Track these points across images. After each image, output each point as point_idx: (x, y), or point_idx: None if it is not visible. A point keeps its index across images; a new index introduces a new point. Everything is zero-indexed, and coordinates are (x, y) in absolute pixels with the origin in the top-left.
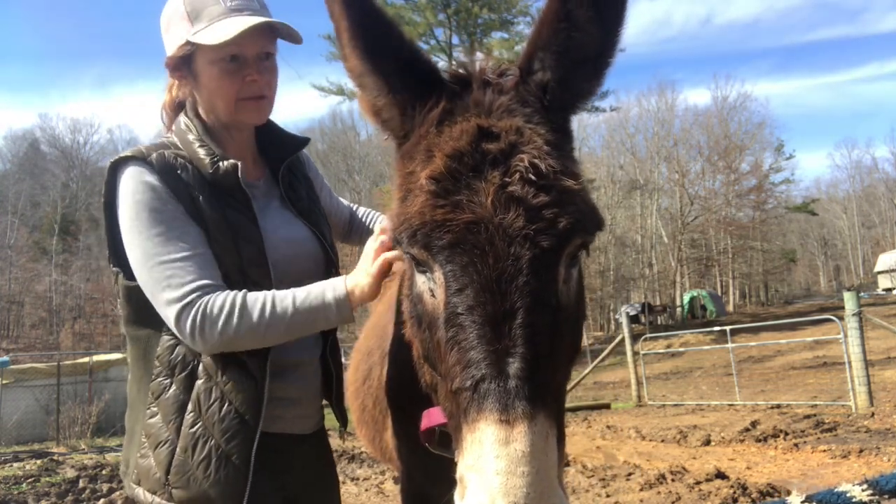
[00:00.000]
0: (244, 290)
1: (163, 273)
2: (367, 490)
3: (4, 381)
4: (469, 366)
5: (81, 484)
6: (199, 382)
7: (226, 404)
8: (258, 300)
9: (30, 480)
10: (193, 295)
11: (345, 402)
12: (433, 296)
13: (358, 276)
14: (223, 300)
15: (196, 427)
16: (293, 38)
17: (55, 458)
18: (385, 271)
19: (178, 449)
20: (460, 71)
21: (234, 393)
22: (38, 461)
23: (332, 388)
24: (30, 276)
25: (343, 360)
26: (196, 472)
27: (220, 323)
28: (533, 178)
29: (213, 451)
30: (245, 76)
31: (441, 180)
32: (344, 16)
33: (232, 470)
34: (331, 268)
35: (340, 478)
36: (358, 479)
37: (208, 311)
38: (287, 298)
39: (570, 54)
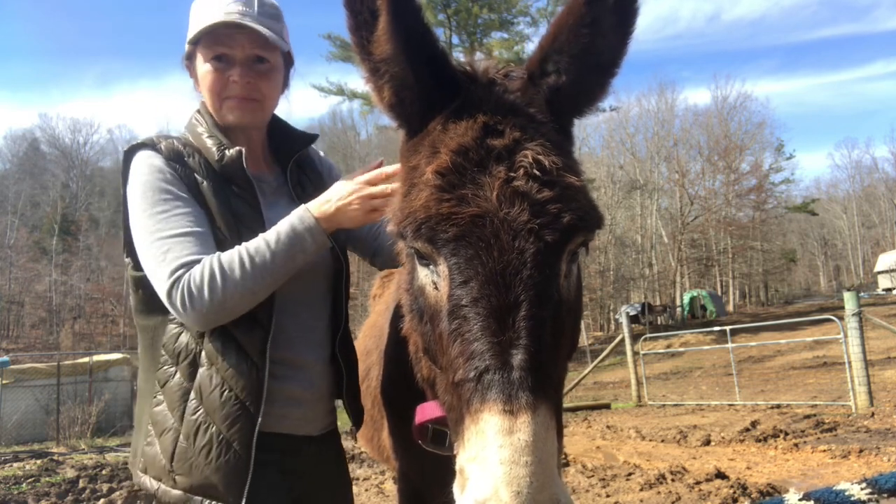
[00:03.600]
0: (217, 254)
1: (160, 248)
2: (367, 490)
3: (4, 381)
4: (473, 357)
5: (81, 484)
6: (201, 370)
7: (226, 391)
8: (234, 257)
9: (30, 480)
10: (181, 271)
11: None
12: (436, 288)
13: (320, 200)
14: (201, 268)
15: (197, 414)
16: (282, 41)
17: (55, 458)
18: (367, 199)
19: (181, 436)
20: (468, 68)
21: (235, 379)
22: (38, 461)
23: (343, 386)
24: (30, 276)
25: None
26: (198, 458)
27: (206, 291)
28: (537, 173)
29: (215, 438)
30: (229, 76)
31: (446, 175)
32: None
33: (233, 456)
34: (338, 266)
35: None
36: (358, 479)
37: (191, 283)
38: (260, 245)
39: (587, 59)
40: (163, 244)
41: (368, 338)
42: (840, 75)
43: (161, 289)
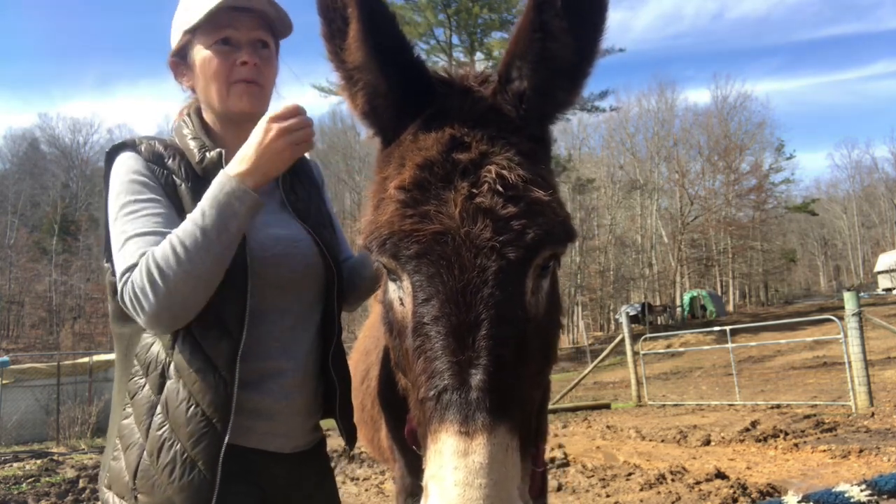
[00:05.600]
0: (152, 248)
1: (121, 248)
2: (367, 490)
3: (4, 381)
4: (433, 376)
5: (81, 484)
6: (169, 382)
7: (192, 406)
8: (165, 247)
9: (30, 480)
10: (128, 273)
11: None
12: (402, 304)
13: (238, 157)
14: (140, 267)
15: (163, 429)
16: (284, 25)
17: (55, 458)
18: (286, 133)
19: (144, 452)
20: (444, 76)
21: (202, 394)
22: (38, 461)
23: (335, 403)
24: (30, 276)
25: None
26: (160, 477)
27: (149, 289)
28: (501, 188)
29: (178, 456)
30: (236, 59)
31: (410, 190)
32: (357, 6)
33: (197, 476)
34: (330, 276)
35: (340, 478)
36: (358, 479)
37: (134, 285)
38: (187, 226)
39: (547, 64)
40: (123, 244)
41: (368, 338)
42: (843, 74)
43: (118, 290)
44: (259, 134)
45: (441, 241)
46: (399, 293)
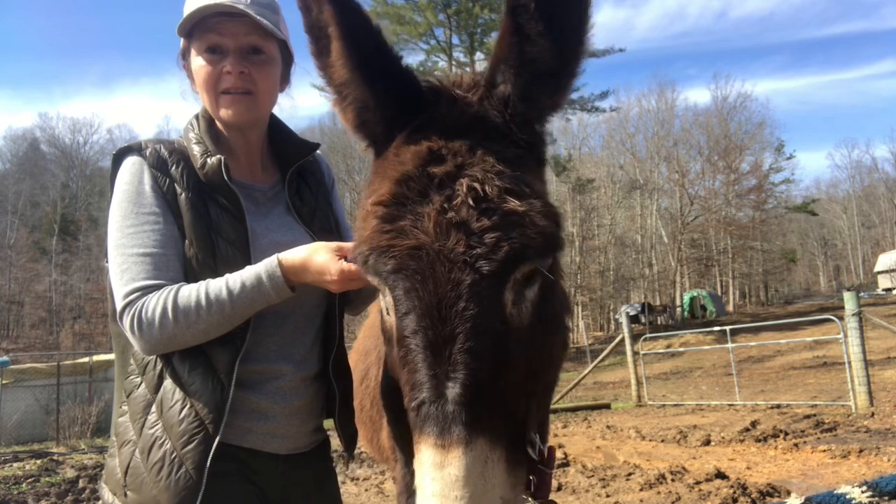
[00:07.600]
0: (177, 287)
1: (120, 265)
2: (366, 490)
3: (4, 381)
4: (414, 388)
5: (81, 484)
6: (166, 382)
7: (186, 406)
8: (191, 298)
9: (30, 480)
10: (134, 295)
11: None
12: (389, 315)
13: (297, 259)
14: (156, 301)
15: (155, 428)
16: (277, 30)
17: (55, 458)
18: (347, 279)
19: (136, 450)
20: (435, 84)
21: (198, 395)
22: (38, 461)
23: (336, 408)
24: (30, 276)
25: None
26: (149, 475)
27: (157, 325)
28: (473, 202)
29: (167, 455)
30: (222, 68)
31: (388, 206)
32: (336, 21)
33: (183, 477)
34: None
35: (340, 478)
36: (358, 479)
37: (143, 313)
38: (222, 290)
39: (528, 68)
40: (123, 261)
41: (367, 338)
42: (846, 73)
43: (116, 306)
44: (327, 262)
45: (416, 257)
46: (386, 305)
